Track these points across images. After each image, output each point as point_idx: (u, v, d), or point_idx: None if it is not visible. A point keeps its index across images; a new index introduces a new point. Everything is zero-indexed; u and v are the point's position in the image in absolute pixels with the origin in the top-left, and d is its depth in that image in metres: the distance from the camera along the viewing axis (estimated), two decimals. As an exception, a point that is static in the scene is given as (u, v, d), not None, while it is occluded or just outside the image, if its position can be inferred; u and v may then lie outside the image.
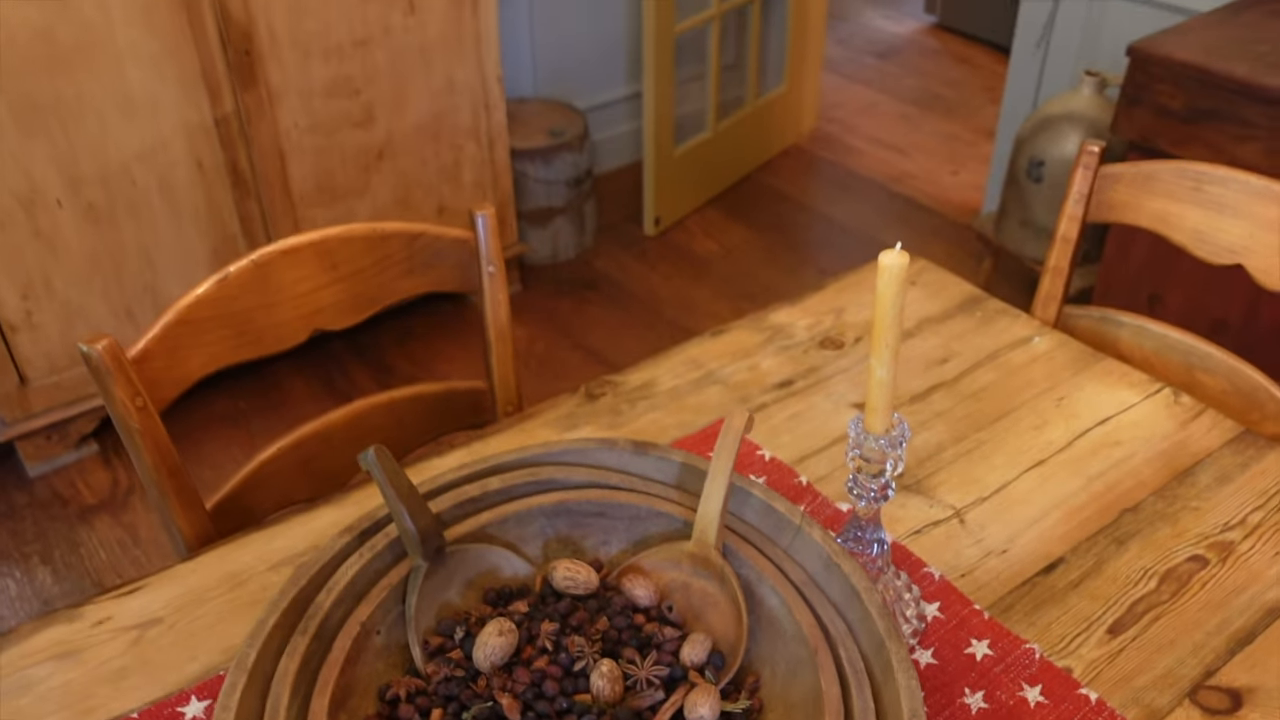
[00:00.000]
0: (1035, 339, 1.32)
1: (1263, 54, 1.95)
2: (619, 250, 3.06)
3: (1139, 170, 1.28)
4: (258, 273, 1.09)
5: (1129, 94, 2.05)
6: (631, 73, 3.28)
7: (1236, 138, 1.90)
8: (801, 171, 3.47)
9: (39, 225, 2.07)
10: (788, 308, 1.40)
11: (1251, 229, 1.22)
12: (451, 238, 1.19)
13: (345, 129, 2.35)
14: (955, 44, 4.43)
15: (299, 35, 2.19)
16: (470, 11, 2.41)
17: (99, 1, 1.95)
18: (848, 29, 4.57)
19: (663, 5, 2.78)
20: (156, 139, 2.12)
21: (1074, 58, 2.63)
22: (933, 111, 3.87)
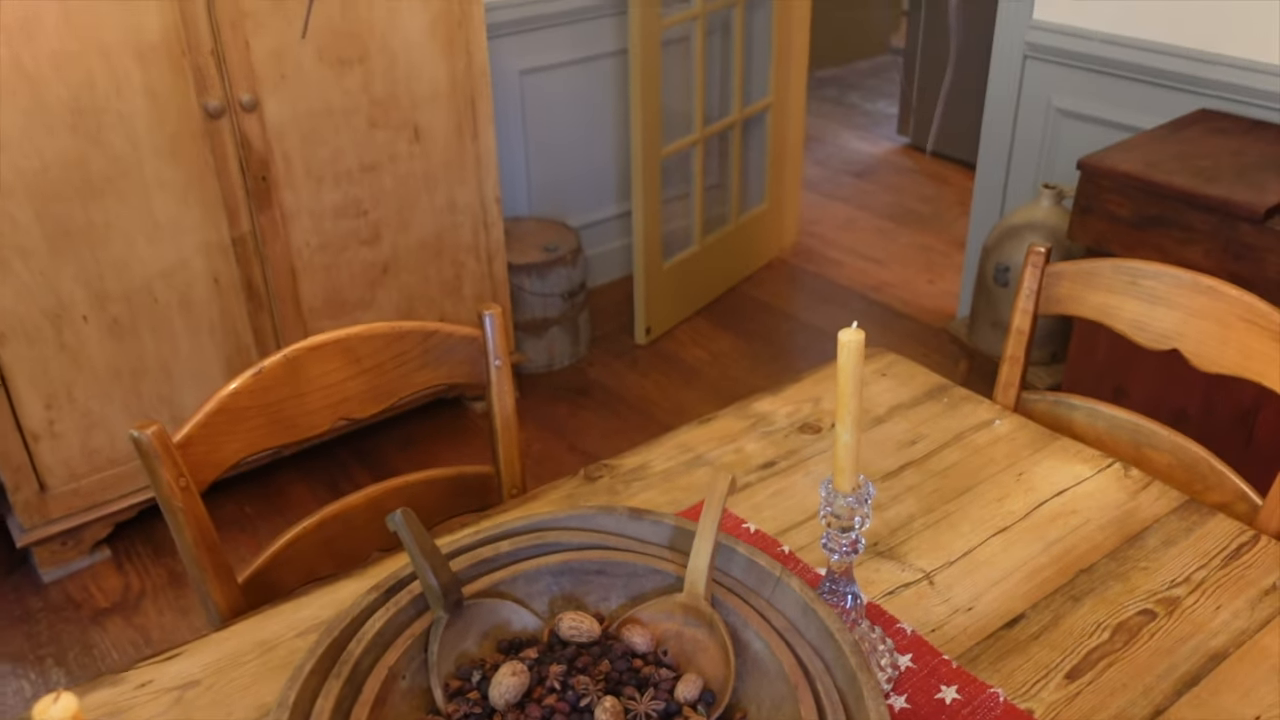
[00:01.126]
0: (996, 422, 1.44)
1: (1202, 167, 2.12)
2: (612, 359, 3.19)
3: (1080, 268, 1.42)
4: (289, 367, 1.21)
5: (1082, 204, 2.22)
6: (621, 193, 3.47)
7: (1180, 241, 2.05)
8: (785, 283, 3.64)
9: (65, 339, 2.19)
10: (769, 397, 1.52)
11: (1184, 317, 1.35)
12: (462, 335, 1.31)
13: (353, 246, 2.50)
14: (927, 163, 4.67)
15: (312, 162, 2.36)
16: (470, 139, 2.59)
17: (129, 135, 2.12)
18: (825, 150, 4.82)
19: (650, 130, 2.98)
20: (177, 258, 2.27)
21: (1033, 172, 2.82)
22: (908, 225, 4.07)
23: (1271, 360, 1.26)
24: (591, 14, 3.14)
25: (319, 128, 2.34)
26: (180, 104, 2.15)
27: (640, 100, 2.92)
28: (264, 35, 2.20)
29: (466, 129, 2.57)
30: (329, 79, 2.32)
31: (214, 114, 2.19)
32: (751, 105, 3.48)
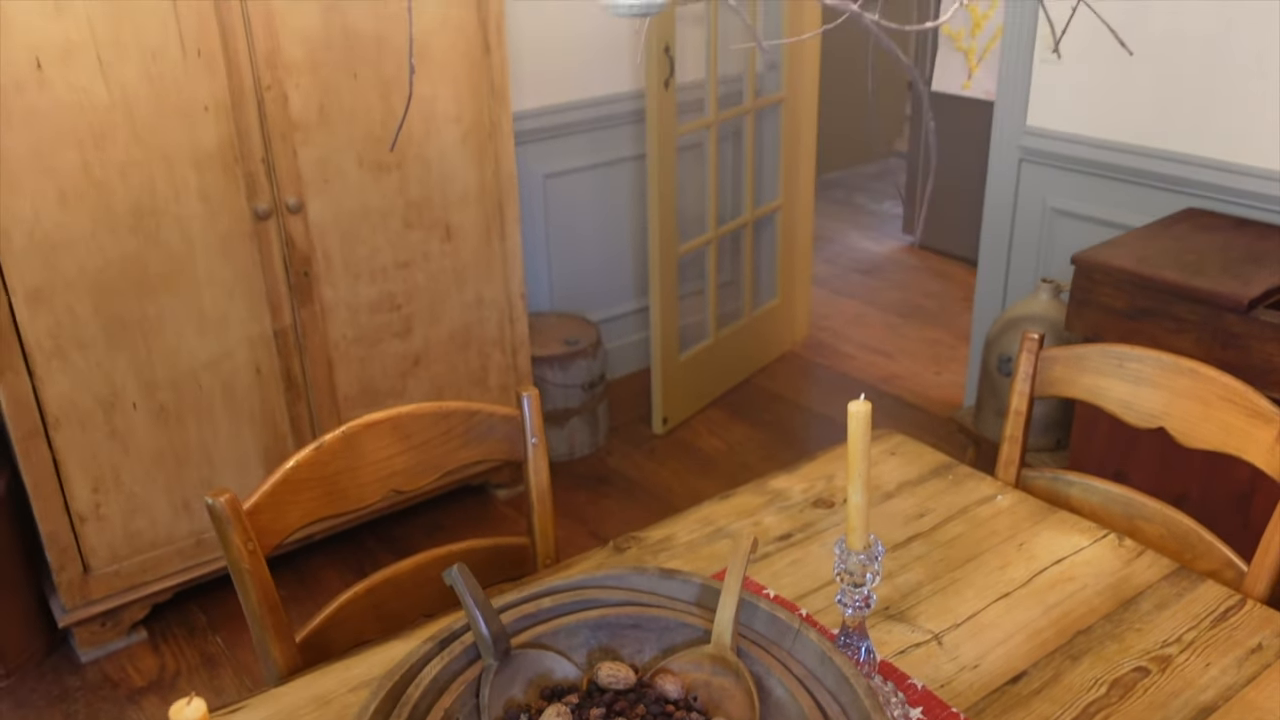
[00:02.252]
0: (998, 497, 1.54)
1: (1190, 262, 2.25)
2: (630, 448, 3.30)
3: (1071, 352, 1.54)
4: (346, 442, 1.32)
5: (1078, 297, 2.35)
6: (638, 288, 3.62)
7: (1172, 331, 2.17)
8: (797, 375, 3.76)
9: (115, 425, 2.31)
10: (785, 475, 1.62)
11: (1168, 397, 1.46)
12: (502, 415, 1.43)
13: (386, 339, 2.64)
14: (932, 260, 4.83)
15: (351, 260, 2.51)
16: (498, 238, 2.74)
17: (185, 235, 2.27)
18: (834, 249, 4.99)
19: (666, 230, 3.14)
20: (223, 349, 2.40)
21: (1032, 267, 2.96)
22: (915, 320, 4.20)
23: (1249, 436, 1.37)
24: (611, 123, 3.33)
25: (358, 228, 2.50)
26: (232, 207, 2.31)
27: (658, 202, 3.09)
28: (311, 145, 2.37)
29: (494, 229, 2.73)
30: (368, 183, 2.48)
31: (262, 216, 2.35)
32: (762, 206, 3.65)
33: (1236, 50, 2.43)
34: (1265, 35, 2.37)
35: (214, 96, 2.22)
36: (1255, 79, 2.42)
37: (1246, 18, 2.39)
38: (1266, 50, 2.38)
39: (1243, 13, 2.40)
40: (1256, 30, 2.38)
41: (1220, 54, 2.46)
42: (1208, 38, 2.46)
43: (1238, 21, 2.41)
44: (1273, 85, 2.39)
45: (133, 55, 2.10)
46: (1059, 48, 0.81)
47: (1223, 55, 2.46)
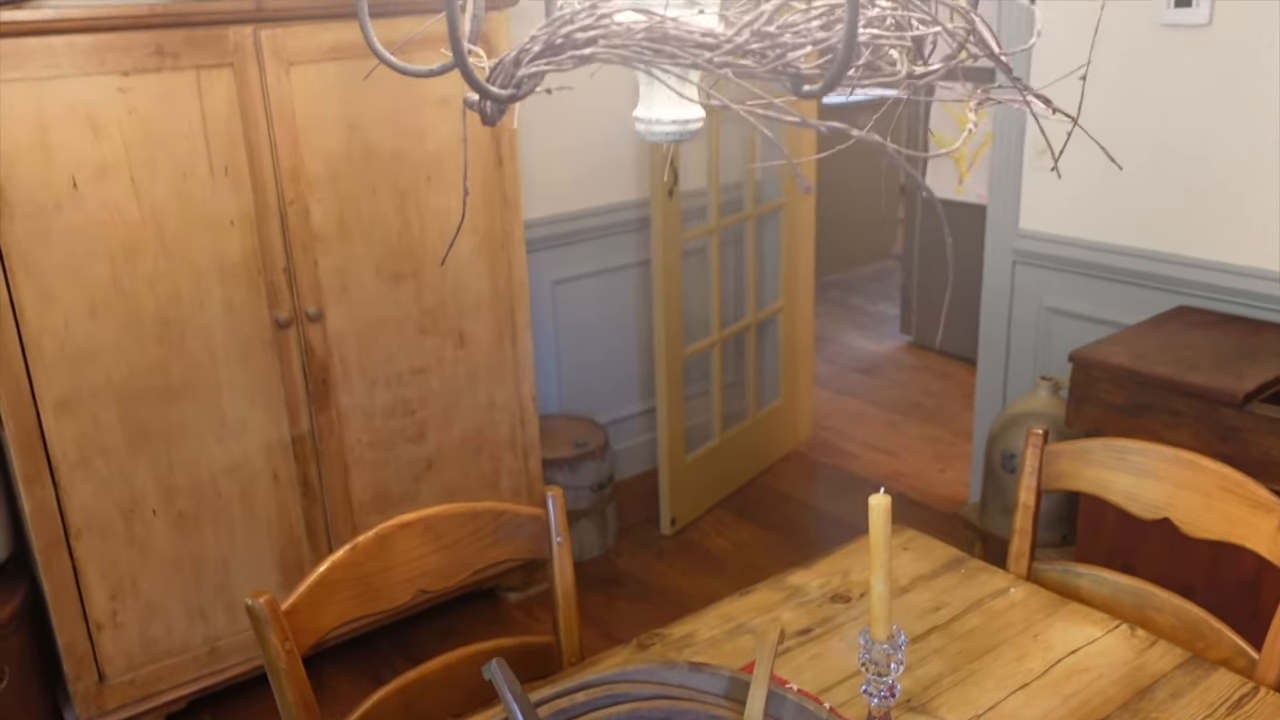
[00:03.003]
0: (1011, 589, 1.58)
1: (1184, 358, 2.32)
2: (639, 549, 3.32)
3: (1075, 446, 1.59)
4: (380, 543, 1.36)
5: (1077, 393, 2.41)
6: (644, 390, 3.68)
7: (1169, 425, 2.23)
8: (802, 474, 3.80)
9: (135, 532, 2.35)
10: (802, 571, 1.66)
11: (1170, 488, 1.51)
12: (528, 514, 1.47)
13: (401, 444, 2.69)
14: (930, 359, 4.91)
15: (367, 366, 2.58)
16: (510, 343, 2.82)
17: (207, 344, 2.34)
18: (834, 349, 5.07)
19: (672, 333, 3.22)
20: (242, 455, 2.45)
21: (1030, 365, 3.03)
22: (916, 418, 4.26)
23: (1252, 525, 1.41)
24: (617, 230, 3.44)
25: (375, 335, 2.57)
26: (254, 315, 2.38)
27: (664, 306, 3.17)
28: (330, 255, 2.46)
29: (506, 334, 2.81)
30: (385, 292, 2.56)
31: (283, 324, 2.42)
32: (764, 309, 3.74)
33: (1220, 157, 2.54)
34: (1248, 143, 2.49)
35: (239, 211, 2.31)
36: (1240, 183, 2.52)
37: (1228, 129, 2.51)
38: (1250, 157, 2.49)
39: (1224, 124, 2.52)
40: (1238, 139, 2.50)
41: (1205, 160, 2.57)
42: (1193, 145, 2.58)
43: (1219, 132, 2.53)
44: (1256, 189, 2.49)
45: (164, 174, 2.20)
46: (1056, 167, 0.88)
47: (1207, 161, 2.57)
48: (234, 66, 2.23)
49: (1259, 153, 2.47)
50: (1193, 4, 2.49)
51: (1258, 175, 2.49)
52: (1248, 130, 2.48)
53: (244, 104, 2.26)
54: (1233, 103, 2.49)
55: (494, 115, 0.73)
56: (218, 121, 2.24)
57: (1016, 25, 2.74)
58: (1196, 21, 2.50)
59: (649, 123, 0.80)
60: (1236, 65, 2.47)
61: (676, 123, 0.79)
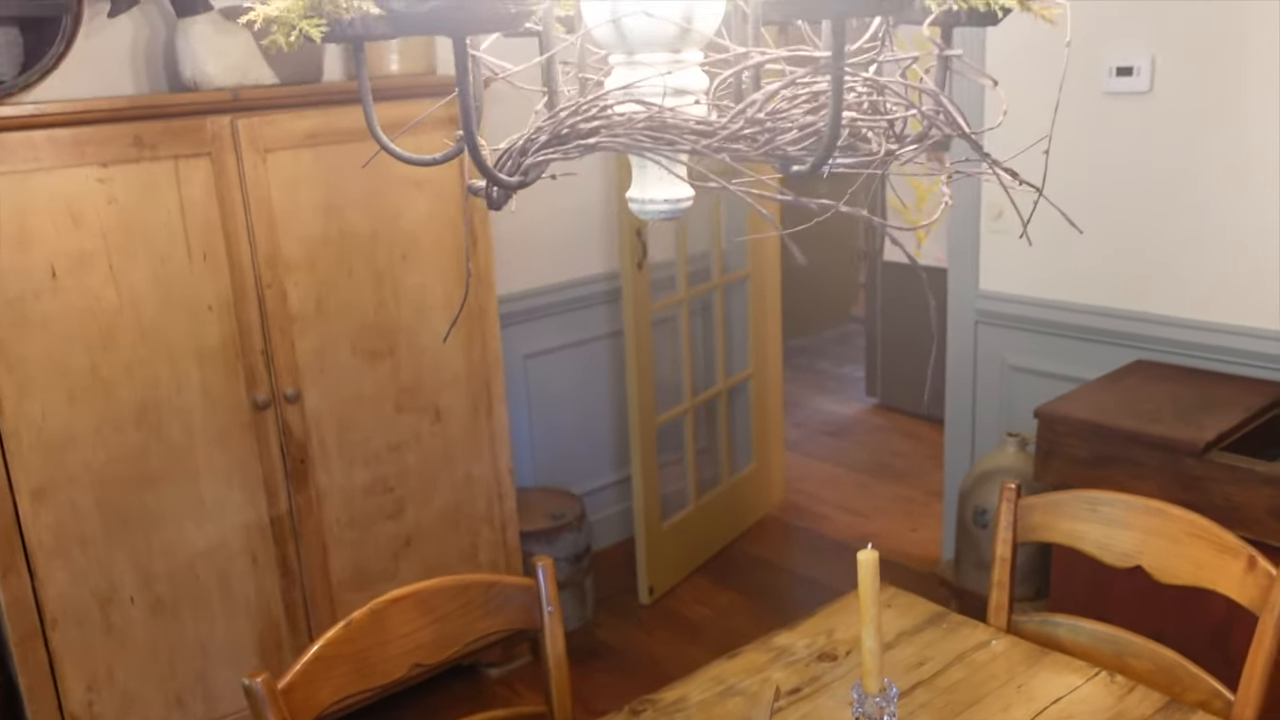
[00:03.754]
0: (992, 642, 1.62)
1: (1145, 410, 2.40)
2: (618, 619, 3.32)
3: (1048, 499, 1.65)
4: (373, 619, 1.38)
5: (1043, 448, 2.47)
6: (618, 460, 3.71)
7: (1134, 476, 2.29)
8: (777, 538, 3.83)
9: (112, 621, 2.32)
10: (788, 631, 1.69)
11: (1141, 536, 1.56)
12: (519, 585, 1.50)
13: (379, 521, 2.69)
14: (896, 420, 4.99)
15: (345, 444, 2.59)
16: (486, 417, 2.84)
17: (186, 428, 2.35)
18: (802, 413, 5.13)
19: (645, 402, 3.26)
20: (220, 538, 2.44)
21: (996, 422, 3.10)
22: (885, 479, 4.31)
23: (1220, 569, 1.46)
24: (587, 303, 3.49)
25: (352, 414, 2.59)
26: (232, 398, 2.40)
27: (636, 376, 3.21)
28: (308, 336, 2.48)
29: (482, 409, 2.83)
30: (362, 370, 2.59)
31: (261, 406, 2.44)
32: (734, 376, 3.80)
33: (1169, 216, 2.65)
34: (1195, 202, 2.60)
35: (217, 295, 2.34)
36: (1189, 241, 2.63)
37: (1175, 189, 2.62)
38: (1197, 216, 2.60)
39: (1170, 185, 2.63)
40: (1186, 199, 2.61)
41: (1155, 220, 2.68)
42: (1142, 205, 2.69)
43: (1167, 192, 2.64)
44: (1205, 246, 2.60)
45: (142, 261, 2.23)
46: (1026, 233, 0.93)
47: (1157, 221, 2.68)
48: (212, 155, 2.28)
49: (1206, 211, 2.59)
50: (1134, 73, 2.62)
51: (1206, 233, 2.59)
52: (1194, 190, 2.59)
53: (221, 191, 2.31)
54: (1177, 164, 2.61)
55: (500, 201, 0.78)
56: (195, 209, 2.28)
57: (967, 98, 2.86)
58: (1138, 89, 2.62)
59: (643, 202, 0.85)
60: (1178, 129, 2.59)
61: (669, 201, 0.84)
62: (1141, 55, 2.61)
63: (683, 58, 0.81)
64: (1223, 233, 2.57)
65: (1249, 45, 2.43)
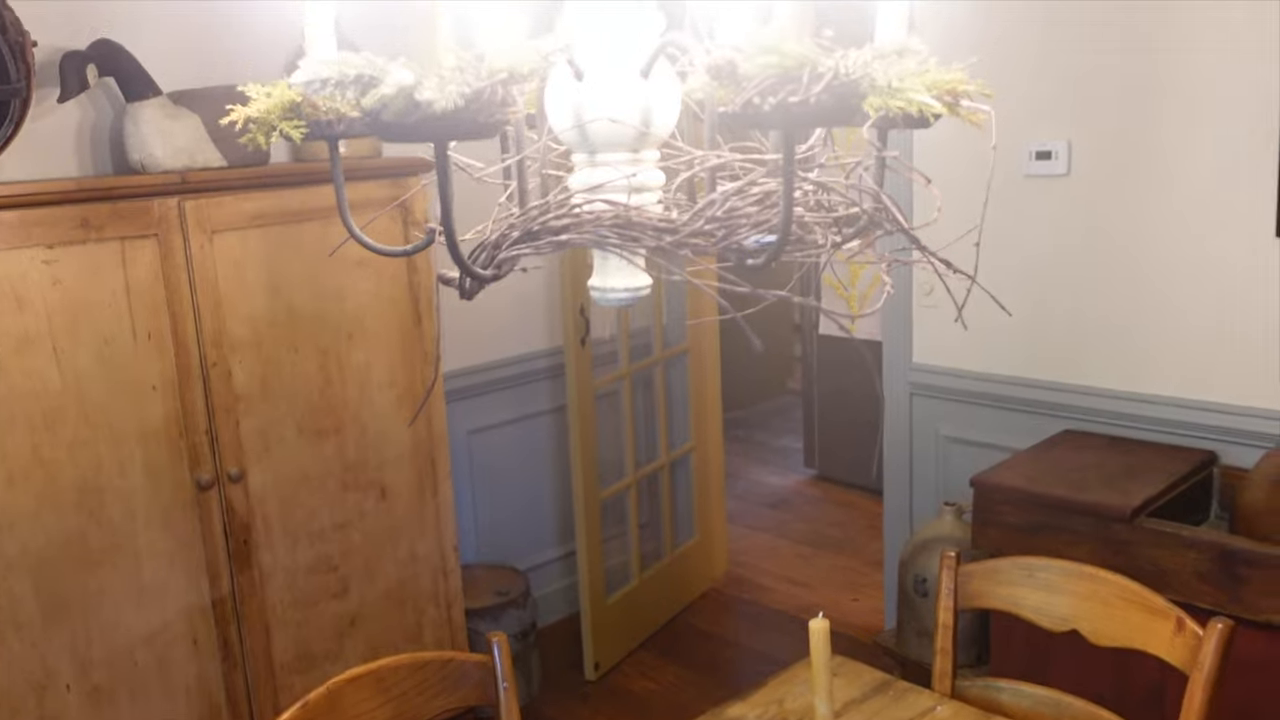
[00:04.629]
0: (938, 708, 1.66)
1: (1074, 478, 2.49)
2: (564, 696, 3.30)
3: (986, 566, 1.71)
4: (329, 699, 1.38)
5: (979, 517, 2.55)
6: (562, 535, 3.72)
7: (1067, 542, 2.37)
8: (721, 611, 3.85)
9: (45, 710, 2.26)
10: (739, 703, 1.71)
11: (1075, 601, 1.63)
12: (474, 661, 1.51)
13: (324, 600, 2.66)
14: (834, 491, 5.06)
15: (289, 523, 2.58)
16: (431, 494, 2.85)
17: (127, 510, 2.32)
18: (742, 485, 5.19)
19: (589, 477, 3.29)
20: (160, 622, 2.40)
21: (933, 492, 3.18)
22: (826, 549, 4.37)
23: (1151, 630, 1.53)
24: (531, 379, 3.53)
25: (297, 492, 2.58)
26: (175, 479, 2.38)
27: (579, 451, 3.24)
28: (253, 415, 2.48)
29: (427, 486, 2.84)
30: (307, 449, 2.59)
31: (204, 486, 2.42)
32: (676, 449, 3.85)
33: (1091, 291, 2.78)
34: (1113, 278, 2.73)
35: (162, 376, 2.34)
36: (1111, 315, 2.75)
37: (1094, 266, 2.76)
38: (1116, 291, 2.73)
39: (1090, 262, 2.76)
40: (1105, 275, 2.74)
41: (1078, 295, 2.81)
42: (1065, 281, 2.82)
43: (1087, 269, 2.77)
44: (1125, 319, 2.73)
45: (86, 342, 2.22)
46: (961, 318, 0.99)
47: (1080, 296, 2.80)
48: (158, 236, 2.29)
49: (1123, 287, 2.72)
50: (1052, 156, 2.76)
51: (1124, 307, 2.72)
52: (1112, 267, 2.73)
53: (167, 272, 2.32)
54: (1095, 243, 2.75)
55: (472, 291, 0.82)
56: (141, 289, 2.28)
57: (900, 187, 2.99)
58: (1056, 172, 2.77)
59: (604, 291, 0.90)
60: (1095, 209, 2.73)
61: (629, 290, 0.89)
62: (1059, 139, 2.75)
63: (641, 156, 0.87)
64: (1140, 307, 2.70)
65: (1159, 128, 2.59)
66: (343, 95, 0.71)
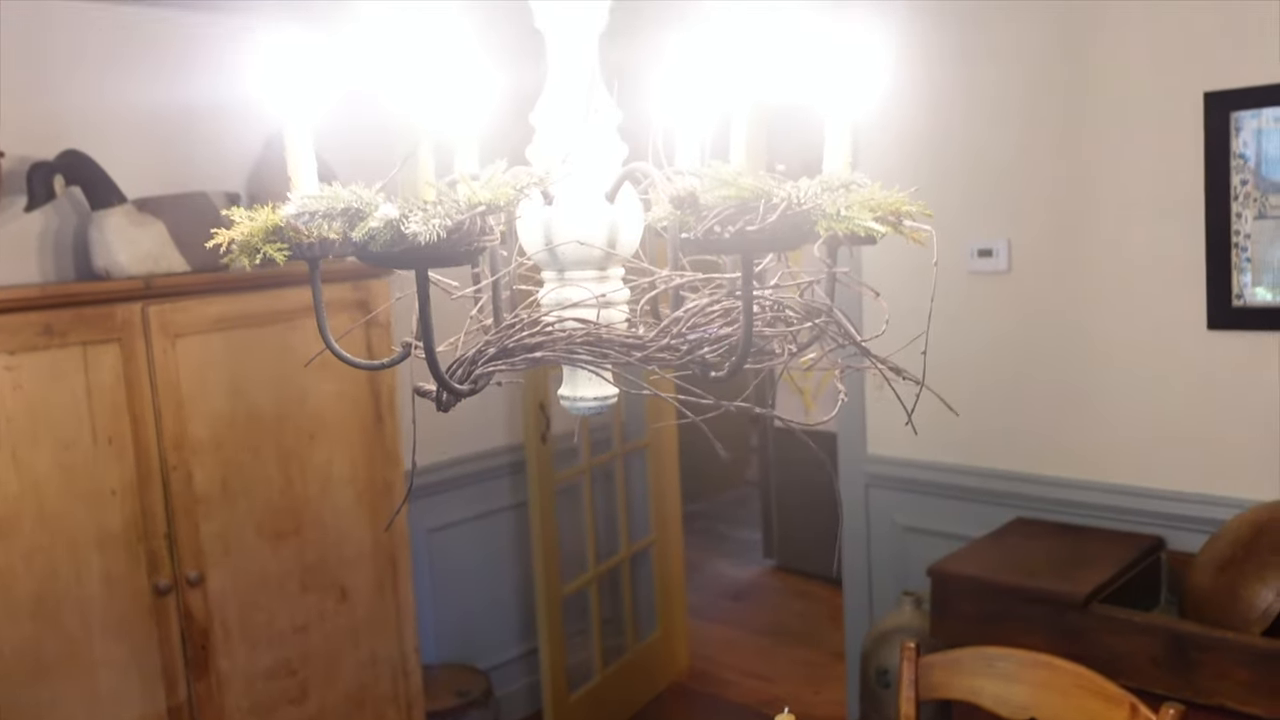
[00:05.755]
0: (903, 800, 1.67)
1: (1028, 567, 2.54)
2: (527, 799, 3.24)
3: (946, 658, 1.74)
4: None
5: (937, 607, 2.58)
6: (523, 633, 3.69)
7: (1023, 630, 2.41)
8: (683, 706, 3.82)
9: (-7, 829, 2.19)
10: (706, 801, 1.71)
11: (1033, 689, 1.66)
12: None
13: (282, 706, 2.62)
14: (794, 582, 5.07)
15: (248, 627, 2.55)
16: (391, 594, 2.83)
17: (83, 618, 2.29)
18: (703, 577, 5.18)
19: (550, 574, 3.29)
20: (114, 733, 2.35)
21: (892, 582, 3.21)
22: (786, 641, 4.36)
23: (1108, 718, 1.57)
24: (491, 475, 3.54)
25: (256, 595, 2.56)
26: (132, 585, 2.35)
27: (541, 547, 3.25)
28: (213, 518, 2.47)
29: (387, 586, 2.82)
30: (267, 551, 2.57)
31: (162, 591, 2.39)
32: (637, 542, 3.86)
33: (1036, 384, 2.87)
34: (1055, 371, 2.83)
35: (122, 480, 2.33)
36: (1057, 407, 2.84)
37: (1037, 359, 2.86)
38: (1059, 383, 2.83)
39: (1033, 355, 2.86)
40: (1047, 368, 2.84)
41: (1024, 387, 2.90)
42: (1011, 374, 2.91)
43: (1031, 362, 2.87)
44: (1070, 411, 2.82)
45: (46, 446, 2.22)
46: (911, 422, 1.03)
47: (1026, 388, 2.89)
48: (121, 341, 2.31)
49: (1066, 378, 2.81)
50: (993, 254, 2.88)
51: (1068, 398, 2.81)
52: (1053, 359, 2.83)
53: (129, 376, 2.33)
54: (1037, 335, 2.85)
55: (448, 405, 0.86)
56: (103, 394, 2.29)
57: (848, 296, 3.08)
58: (998, 269, 2.88)
59: (574, 400, 0.94)
60: (1035, 303, 2.84)
61: (597, 399, 0.94)
62: (999, 238, 2.87)
63: (608, 273, 0.92)
64: (1082, 397, 2.79)
65: (1093, 225, 2.72)
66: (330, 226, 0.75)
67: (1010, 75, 2.80)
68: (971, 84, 2.88)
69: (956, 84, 2.90)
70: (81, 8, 2.57)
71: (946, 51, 2.90)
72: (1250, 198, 2.48)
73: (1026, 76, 2.78)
